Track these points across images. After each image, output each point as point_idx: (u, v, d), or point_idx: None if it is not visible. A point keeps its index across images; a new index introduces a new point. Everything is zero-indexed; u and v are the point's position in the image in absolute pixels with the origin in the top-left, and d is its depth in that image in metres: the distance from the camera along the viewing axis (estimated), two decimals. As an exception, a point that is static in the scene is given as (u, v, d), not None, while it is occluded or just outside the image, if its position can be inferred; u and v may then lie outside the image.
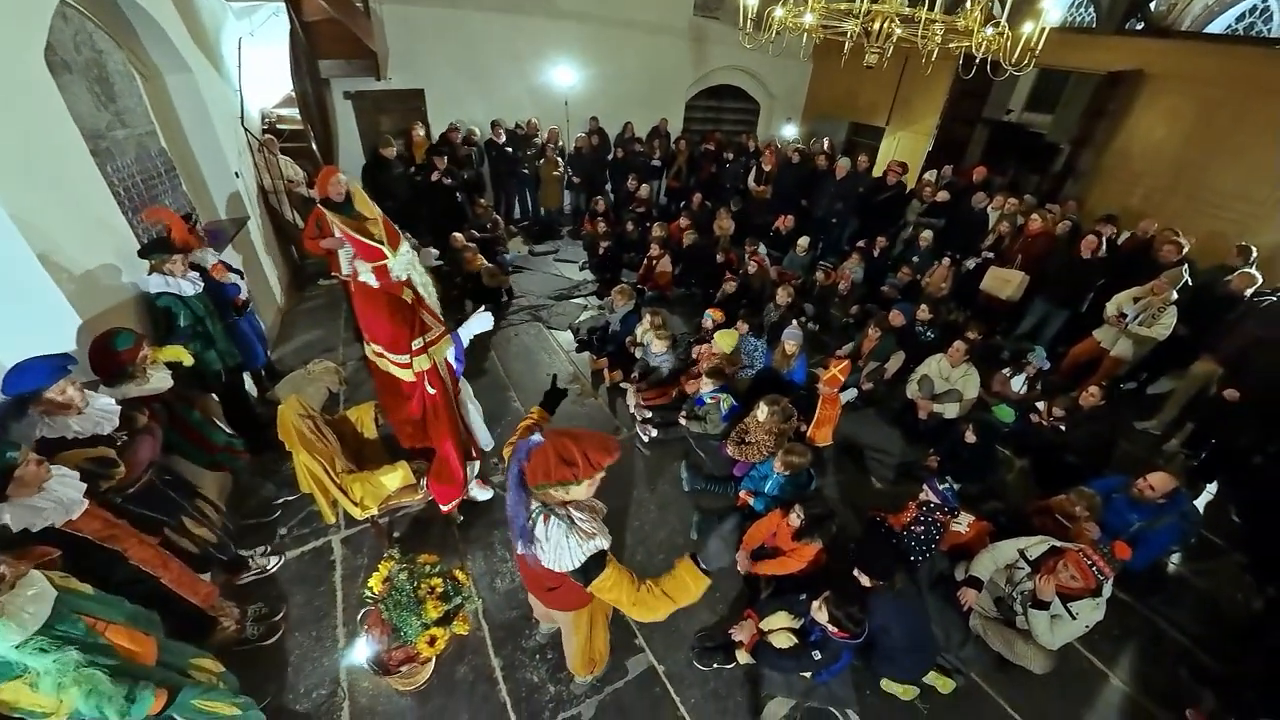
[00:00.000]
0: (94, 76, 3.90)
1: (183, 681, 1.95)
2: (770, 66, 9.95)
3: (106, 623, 1.74)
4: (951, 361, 4.36)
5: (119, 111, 4.15)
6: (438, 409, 2.87)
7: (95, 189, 3.14)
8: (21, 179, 2.46)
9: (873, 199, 6.82)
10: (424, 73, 7.68)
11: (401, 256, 2.71)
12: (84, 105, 3.71)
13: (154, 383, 2.63)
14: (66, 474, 2.01)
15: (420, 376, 2.71)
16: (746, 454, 3.71)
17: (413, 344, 2.64)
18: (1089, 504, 3.16)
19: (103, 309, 2.83)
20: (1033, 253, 5.52)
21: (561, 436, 1.62)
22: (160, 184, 4.47)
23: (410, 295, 2.76)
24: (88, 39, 3.86)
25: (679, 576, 1.72)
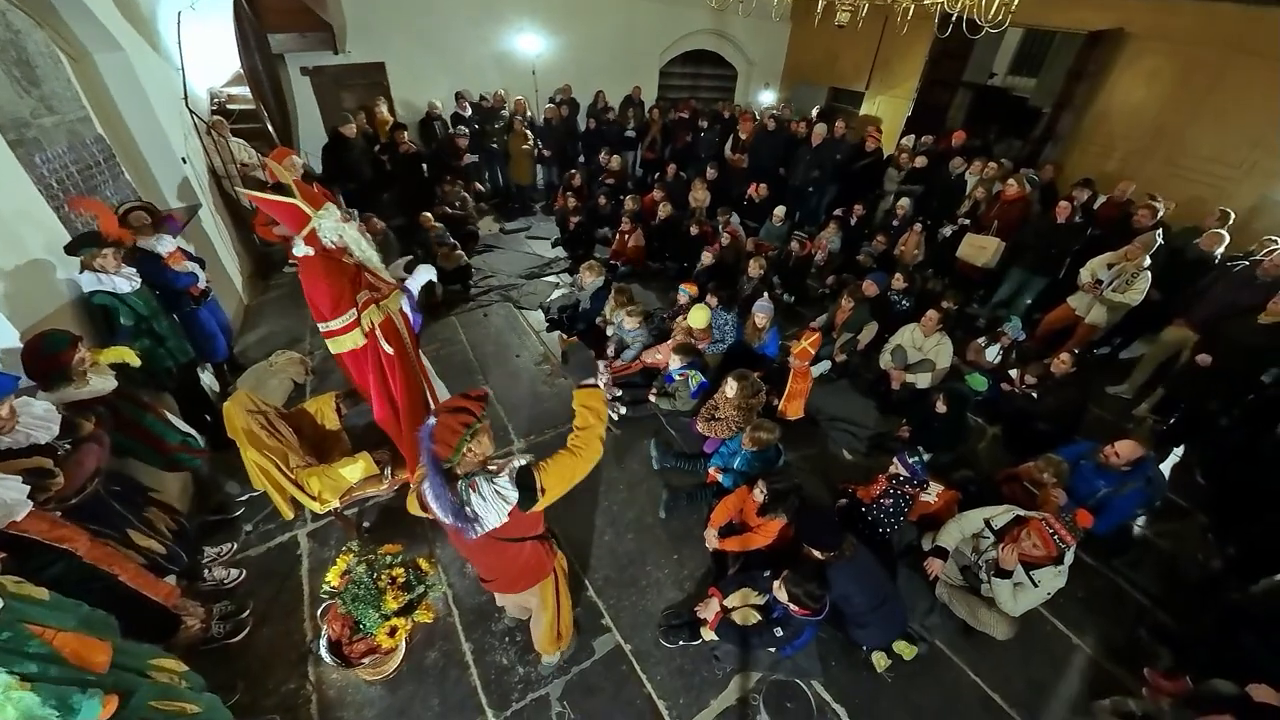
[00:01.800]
0: (11, 59, 3.64)
1: (139, 684, 1.92)
2: (748, 31, 9.62)
3: (56, 630, 1.69)
4: (924, 331, 4.34)
5: (44, 97, 3.90)
6: (395, 372, 2.77)
7: (18, 185, 2.95)
8: None
9: (850, 166, 6.68)
10: (384, 44, 7.34)
11: (327, 217, 2.52)
12: (2, 92, 3.48)
13: (94, 385, 2.52)
14: (5, 478, 1.94)
15: (372, 335, 2.61)
16: (716, 430, 3.69)
17: (357, 298, 2.56)
18: (1056, 471, 3.18)
19: (41, 316, 2.71)
20: (1008, 218, 5.45)
21: (443, 404, 1.77)
22: (99, 173, 4.25)
23: (351, 262, 2.64)
24: (1, 18, 3.59)
25: (579, 409, 1.94)
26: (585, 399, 1.94)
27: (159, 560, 2.56)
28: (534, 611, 2.38)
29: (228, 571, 3.01)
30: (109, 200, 4.19)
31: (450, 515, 1.68)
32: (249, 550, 3.16)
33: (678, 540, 3.27)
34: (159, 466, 2.94)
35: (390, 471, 3.02)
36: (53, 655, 1.65)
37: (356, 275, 2.61)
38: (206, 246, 5.06)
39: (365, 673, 2.50)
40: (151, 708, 1.90)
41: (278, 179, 3.66)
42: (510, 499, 1.70)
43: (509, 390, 4.47)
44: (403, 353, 2.79)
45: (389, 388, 2.81)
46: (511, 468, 1.75)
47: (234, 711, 2.29)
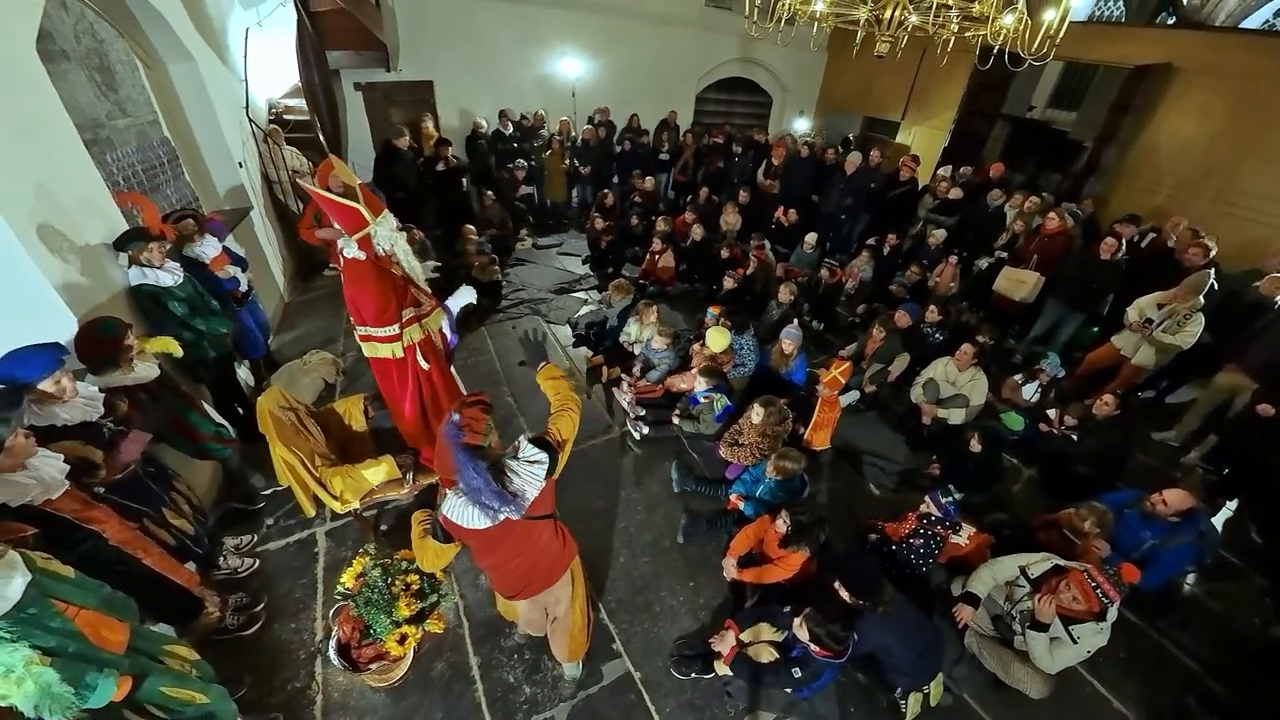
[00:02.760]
0: (94, 65, 3.91)
1: (152, 668, 1.94)
2: (784, 59, 9.74)
3: (79, 608, 1.72)
4: (958, 365, 4.21)
5: (120, 101, 4.16)
6: (435, 388, 2.84)
7: (87, 178, 3.11)
8: (12, 175, 2.45)
9: (884, 195, 6.63)
10: (433, 64, 7.66)
11: (384, 225, 2.58)
12: (83, 94, 3.72)
13: (139, 372, 2.63)
14: (50, 454, 2.01)
15: (411, 350, 2.67)
16: (739, 456, 3.62)
17: (402, 313, 2.60)
18: (1099, 519, 3.01)
19: (96, 304, 2.82)
20: (1049, 253, 5.30)
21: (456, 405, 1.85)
22: (162, 173, 4.49)
23: (399, 272, 2.70)
24: (88, 28, 3.86)
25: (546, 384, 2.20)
26: (546, 376, 2.22)
27: (186, 542, 2.61)
28: (564, 605, 2.25)
29: (241, 560, 3.05)
30: (168, 199, 4.44)
31: (495, 500, 1.69)
32: (268, 544, 3.20)
33: (695, 567, 3.19)
34: (189, 454, 3.03)
35: (412, 476, 3.03)
36: (74, 632, 1.68)
37: (403, 288, 2.66)
38: (254, 246, 5.28)
39: (371, 678, 2.48)
40: (163, 694, 1.92)
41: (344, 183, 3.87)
42: (542, 460, 1.80)
43: (531, 403, 4.49)
44: (437, 369, 2.84)
45: (421, 399, 2.85)
46: (524, 439, 1.86)
47: (240, 705, 2.32)
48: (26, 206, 2.50)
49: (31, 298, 2.52)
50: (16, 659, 1.46)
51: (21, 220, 2.45)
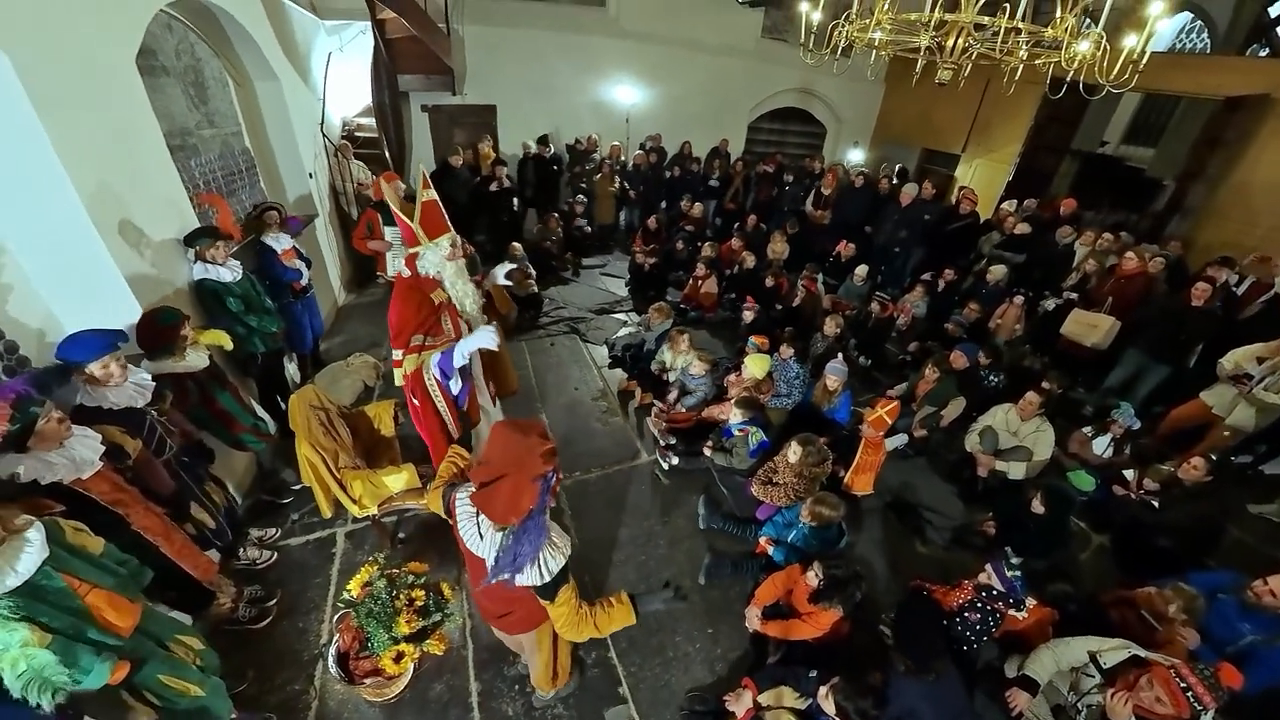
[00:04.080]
0: (190, 80, 4.26)
1: (154, 654, 1.93)
2: (839, 89, 9.64)
3: (91, 586, 1.73)
4: (1022, 414, 3.85)
5: (209, 113, 4.52)
6: (420, 420, 2.82)
7: (170, 180, 3.32)
8: (102, 175, 2.63)
9: (942, 228, 6.32)
10: (497, 89, 8.01)
11: (433, 251, 2.61)
12: (177, 105, 4.05)
13: (190, 360, 2.76)
14: (89, 435, 2.08)
15: (406, 380, 2.67)
16: (772, 496, 3.40)
17: (411, 339, 2.58)
18: (1187, 604, 2.60)
19: (160, 296, 2.98)
20: (1126, 295, 4.84)
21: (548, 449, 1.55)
22: (240, 179, 4.82)
23: (442, 297, 2.72)
24: (189, 48, 4.23)
25: (614, 616, 1.72)
26: (622, 619, 1.74)
27: (206, 534, 2.64)
28: (527, 650, 2.24)
29: (260, 553, 3.08)
30: (243, 203, 4.74)
31: (499, 556, 1.57)
32: (290, 539, 3.23)
33: (715, 612, 2.97)
34: (227, 443, 3.12)
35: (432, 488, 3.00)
36: (80, 610, 1.69)
37: (431, 316, 2.64)
38: (315, 250, 5.57)
39: (367, 692, 2.40)
40: (160, 681, 1.90)
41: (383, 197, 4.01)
42: (545, 575, 1.59)
43: (562, 421, 4.43)
44: (428, 410, 2.80)
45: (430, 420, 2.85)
46: (562, 556, 1.62)
47: (239, 700, 2.29)
48: (110, 203, 2.68)
49: (103, 286, 2.69)
50: (14, 638, 1.46)
51: (104, 215, 2.63)
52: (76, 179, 2.46)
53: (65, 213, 2.48)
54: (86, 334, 2.26)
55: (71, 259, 2.56)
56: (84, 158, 2.51)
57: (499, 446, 1.53)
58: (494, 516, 1.56)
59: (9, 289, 2.43)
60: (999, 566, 2.59)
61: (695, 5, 8.40)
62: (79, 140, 2.49)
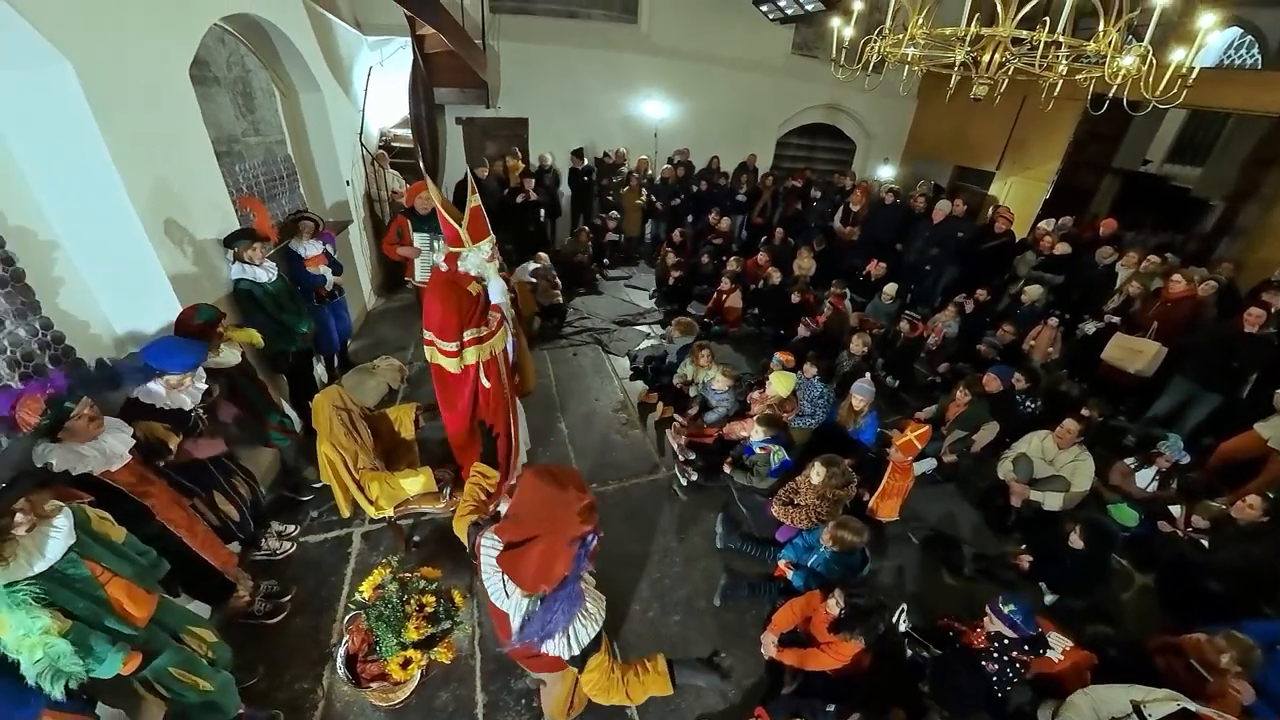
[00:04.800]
0: (238, 91, 4.46)
1: (167, 645, 1.97)
2: (870, 105, 9.57)
3: (112, 574, 1.78)
4: (1059, 442, 3.67)
5: (255, 121, 4.72)
6: (490, 404, 2.87)
7: (214, 184, 3.45)
8: (152, 177, 2.76)
9: (975, 247, 6.14)
10: (529, 103, 8.19)
11: (476, 253, 2.67)
12: (225, 113, 4.24)
13: (223, 357, 2.87)
14: (121, 429, 2.15)
15: (470, 369, 2.72)
16: (793, 518, 3.30)
17: (464, 333, 2.65)
18: (1242, 655, 2.41)
19: (200, 293, 3.06)
20: (1173, 320, 4.61)
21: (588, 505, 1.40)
22: (280, 185, 5.00)
23: (478, 290, 2.77)
24: (239, 60, 4.43)
25: (648, 683, 1.60)
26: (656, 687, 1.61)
27: (230, 525, 2.70)
28: (547, 681, 2.16)
29: (280, 544, 3.13)
30: (282, 207, 4.92)
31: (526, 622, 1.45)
32: (308, 536, 3.27)
33: (729, 635, 2.87)
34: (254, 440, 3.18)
35: (449, 492, 3.01)
36: (101, 599, 1.73)
37: (473, 309, 2.70)
38: (349, 255, 5.75)
39: (373, 696, 2.39)
40: (169, 673, 1.93)
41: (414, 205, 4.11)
42: (574, 647, 1.46)
43: (581, 432, 4.41)
44: (497, 388, 2.88)
45: (474, 412, 2.88)
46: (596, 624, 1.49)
47: (248, 695, 2.32)
48: (158, 205, 2.80)
49: (148, 283, 2.80)
50: (36, 625, 1.49)
51: (152, 216, 2.74)
52: (128, 181, 2.57)
53: (116, 213, 2.59)
54: (177, 345, 2.38)
55: (119, 257, 2.68)
56: (136, 161, 2.63)
57: (531, 501, 1.37)
58: (522, 583, 1.40)
59: (60, 282, 2.56)
60: (995, 606, 2.42)
61: (726, 22, 8.47)
62: (132, 144, 2.61)
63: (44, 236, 2.50)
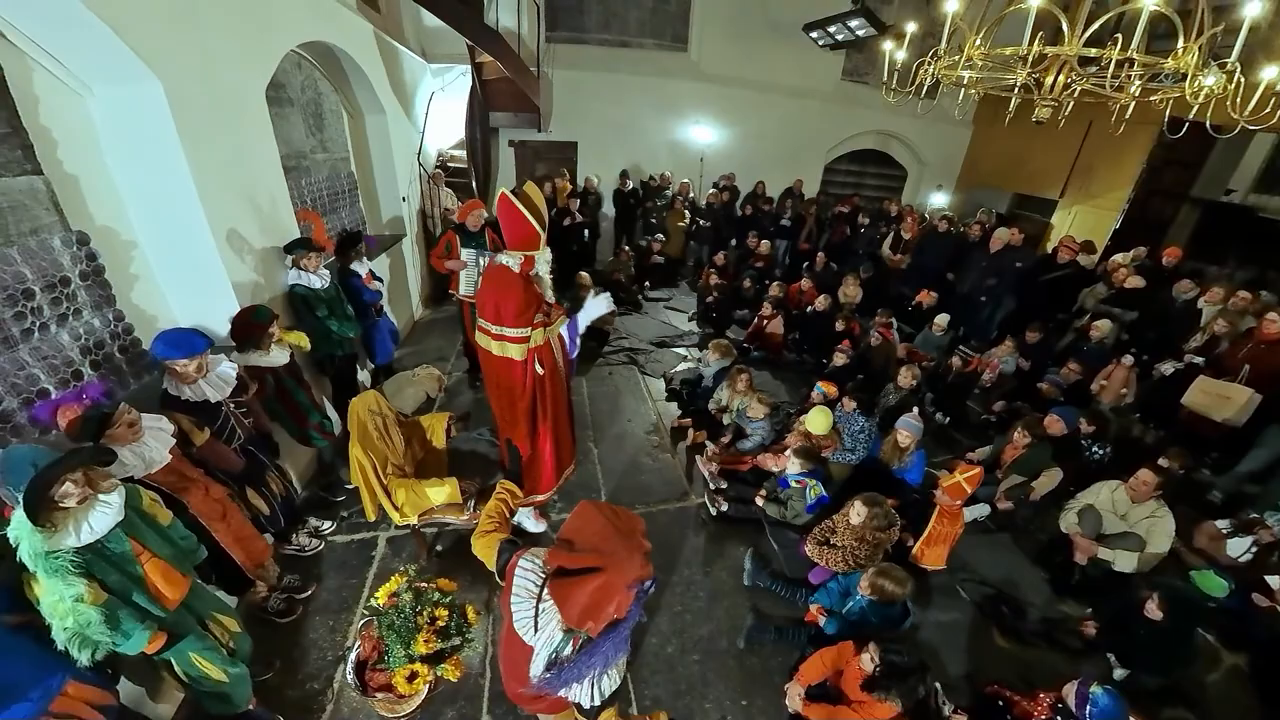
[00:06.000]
0: (310, 111, 4.79)
1: (192, 630, 2.01)
2: (922, 131, 9.33)
3: (151, 554, 1.83)
4: (1133, 495, 3.31)
5: (324, 140, 5.04)
6: (544, 392, 2.96)
7: (279, 194, 3.65)
8: (224, 191, 2.97)
9: (1036, 278, 5.77)
10: (579, 127, 8.44)
11: (545, 253, 2.87)
12: (296, 131, 4.55)
13: (272, 357, 3.01)
14: (163, 430, 2.23)
15: (531, 354, 2.81)
16: (828, 559, 3.09)
17: (535, 317, 2.78)
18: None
19: (259, 296, 3.25)
20: (1268, 363, 4.13)
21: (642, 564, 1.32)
22: (342, 199, 5.31)
23: (537, 288, 2.90)
24: (313, 84, 4.77)
25: None
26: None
27: (261, 520, 2.77)
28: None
29: (309, 541, 3.19)
30: (342, 220, 5.19)
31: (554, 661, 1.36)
32: (336, 536, 3.33)
33: (752, 681, 2.68)
34: (294, 437, 3.32)
35: (474, 505, 3.00)
36: (137, 577, 1.78)
37: (539, 298, 2.87)
38: (400, 267, 6.03)
39: (380, 706, 2.35)
40: (189, 658, 1.98)
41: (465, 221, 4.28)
42: (597, 698, 1.41)
43: (611, 453, 4.34)
44: (554, 374, 2.98)
45: (534, 403, 2.98)
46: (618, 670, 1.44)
47: (262, 689, 2.34)
48: (227, 214, 3.00)
49: (212, 285, 2.99)
50: (70, 591, 1.54)
51: (220, 224, 2.94)
52: (202, 191, 2.77)
53: (190, 220, 2.79)
54: (177, 334, 2.47)
55: (189, 259, 2.89)
56: (211, 173, 2.83)
57: (589, 532, 1.30)
58: (569, 617, 1.30)
59: (135, 279, 2.79)
60: (1083, 688, 2.12)
61: (776, 49, 8.51)
62: (209, 157, 2.82)
63: (125, 237, 2.72)
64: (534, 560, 1.42)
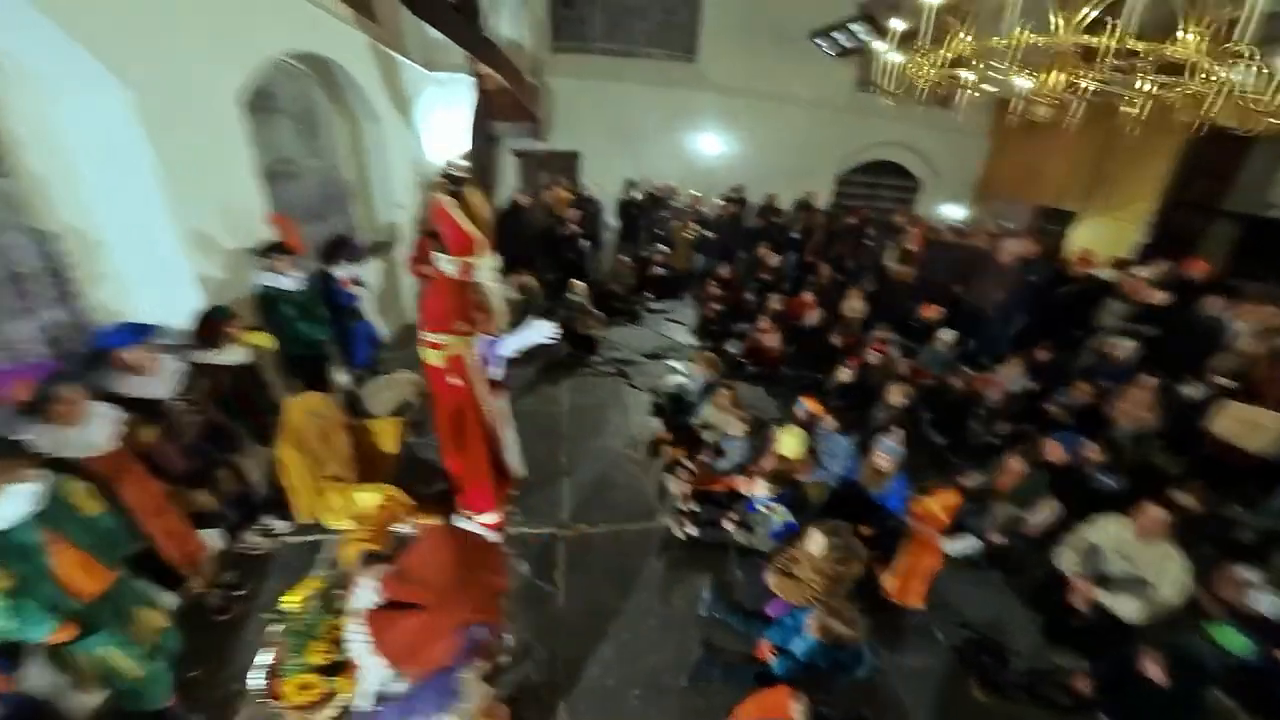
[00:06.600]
0: (302, 119, 4.87)
1: (108, 625, 1.95)
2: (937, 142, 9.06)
3: (67, 544, 1.80)
4: (1141, 532, 2.95)
5: (316, 147, 5.12)
6: (462, 408, 2.86)
7: (251, 204, 3.66)
8: (191, 193, 3.01)
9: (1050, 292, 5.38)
10: (582, 137, 8.47)
11: (488, 263, 2.84)
12: (285, 138, 4.62)
13: (227, 355, 3.01)
14: (108, 418, 2.23)
15: (448, 362, 2.75)
16: (786, 591, 2.85)
17: (456, 324, 2.72)
18: None
19: (225, 296, 3.26)
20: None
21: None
22: (333, 205, 5.37)
23: (478, 298, 2.85)
24: (306, 93, 4.85)
25: None
26: None
27: (208, 515, 2.76)
28: None
29: (260, 540, 3.14)
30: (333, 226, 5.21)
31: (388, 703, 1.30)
32: (291, 537, 3.24)
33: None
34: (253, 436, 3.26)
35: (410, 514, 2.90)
36: (45, 568, 1.75)
37: (468, 307, 2.80)
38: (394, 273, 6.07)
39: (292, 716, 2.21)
40: (99, 653, 1.93)
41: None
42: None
43: (582, 466, 4.18)
44: (471, 395, 2.86)
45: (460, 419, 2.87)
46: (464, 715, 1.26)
47: (188, 686, 2.31)
48: (194, 216, 3.07)
49: (176, 284, 3.04)
50: None
51: (187, 226, 3.00)
52: (170, 194, 2.85)
53: (154, 222, 2.88)
54: (121, 326, 2.52)
55: (154, 259, 2.94)
56: (179, 177, 2.90)
57: (430, 563, 1.21)
58: (386, 654, 1.22)
59: (103, 277, 2.84)
60: None
61: (787, 59, 8.36)
62: (178, 162, 2.90)
63: (94, 236, 2.77)
64: (372, 583, 1.29)
